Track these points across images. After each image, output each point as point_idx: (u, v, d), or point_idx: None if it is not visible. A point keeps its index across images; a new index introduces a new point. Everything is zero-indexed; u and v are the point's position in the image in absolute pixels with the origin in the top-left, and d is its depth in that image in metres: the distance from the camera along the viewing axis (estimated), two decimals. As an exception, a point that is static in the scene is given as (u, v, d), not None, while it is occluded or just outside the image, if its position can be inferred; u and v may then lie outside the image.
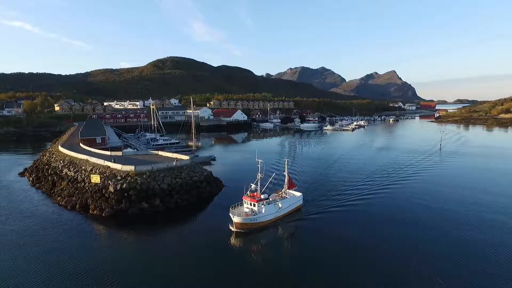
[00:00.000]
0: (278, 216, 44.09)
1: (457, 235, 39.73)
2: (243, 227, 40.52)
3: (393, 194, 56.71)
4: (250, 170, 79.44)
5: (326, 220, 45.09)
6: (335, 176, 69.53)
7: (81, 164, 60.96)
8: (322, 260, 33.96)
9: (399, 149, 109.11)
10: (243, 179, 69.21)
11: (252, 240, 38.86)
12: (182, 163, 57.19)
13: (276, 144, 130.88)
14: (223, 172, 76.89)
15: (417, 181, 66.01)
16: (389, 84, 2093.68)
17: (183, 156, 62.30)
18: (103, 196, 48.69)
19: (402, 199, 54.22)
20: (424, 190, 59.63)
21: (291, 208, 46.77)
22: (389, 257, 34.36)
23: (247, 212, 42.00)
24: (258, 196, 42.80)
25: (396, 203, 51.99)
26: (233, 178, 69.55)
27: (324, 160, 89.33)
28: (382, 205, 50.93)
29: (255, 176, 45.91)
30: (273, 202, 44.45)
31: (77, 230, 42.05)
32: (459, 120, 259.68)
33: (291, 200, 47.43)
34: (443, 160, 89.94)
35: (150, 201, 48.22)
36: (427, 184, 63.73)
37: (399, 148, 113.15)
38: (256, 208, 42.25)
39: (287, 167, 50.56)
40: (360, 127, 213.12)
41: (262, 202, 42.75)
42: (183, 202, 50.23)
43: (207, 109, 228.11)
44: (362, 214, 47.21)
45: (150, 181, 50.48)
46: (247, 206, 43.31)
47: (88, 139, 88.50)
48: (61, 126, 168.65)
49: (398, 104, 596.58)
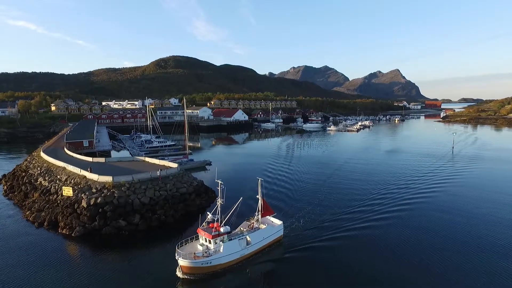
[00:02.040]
0: (246, 254, 33.94)
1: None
2: (193, 272, 30.66)
3: (411, 216, 46.26)
4: (248, 176, 73.07)
5: (317, 259, 33.94)
6: (336, 190, 59.88)
7: (57, 173, 54.72)
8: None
9: (410, 153, 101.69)
10: (239, 188, 62.99)
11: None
12: (168, 172, 50.68)
13: (275, 146, 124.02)
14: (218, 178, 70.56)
15: (437, 196, 56.40)
16: (392, 83, 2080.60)
17: (171, 164, 55.82)
18: (74, 212, 42.32)
19: (424, 223, 43.54)
20: (451, 211, 48.57)
21: (265, 242, 36.30)
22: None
23: (196, 254, 31.21)
24: (218, 229, 32.45)
25: (417, 229, 41.80)
26: (228, 187, 62.77)
27: (325, 167, 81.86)
28: (399, 234, 40.00)
29: (253, 183, 39.20)
30: (238, 237, 33.87)
31: (40, 253, 35.80)
32: (468, 120, 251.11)
33: (267, 232, 36.76)
34: (464, 166, 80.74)
35: (128, 218, 41.83)
36: (453, 203, 52.60)
37: (409, 151, 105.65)
38: (212, 245, 32.04)
39: (261, 188, 38.30)
40: (365, 127, 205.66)
41: (222, 238, 32.44)
42: (167, 219, 43.75)
43: (207, 109, 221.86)
44: (370, 248, 36.39)
45: (130, 195, 44.03)
46: (203, 242, 33.33)
47: (74, 143, 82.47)
48: (55, 127, 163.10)
49: (403, 103, 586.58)
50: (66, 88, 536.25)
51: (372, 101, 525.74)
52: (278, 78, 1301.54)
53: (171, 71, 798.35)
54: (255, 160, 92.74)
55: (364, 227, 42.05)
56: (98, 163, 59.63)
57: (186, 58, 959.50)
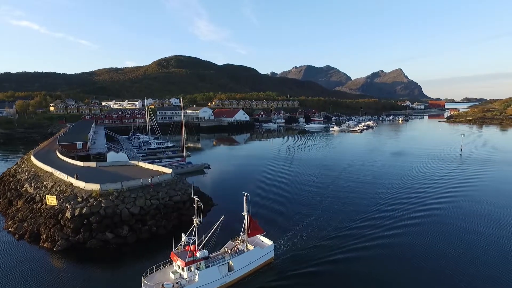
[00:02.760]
0: (228, 283, 29.30)
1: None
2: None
3: (429, 230, 41.12)
4: (248, 181, 69.60)
5: (316, 287, 29.44)
6: (341, 198, 55.53)
7: (44, 179, 51.48)
8: None
9: (417, 155, 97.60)
10: (238, 193, 59.81)
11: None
12: (161, 179, 47.26)
13: (276, 147, 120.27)
14: (216, 183, 67.32)
15: (455, 203, 52.42)
16: (395, 82, 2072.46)
17: (165, 169, 52.40)
18: (58, 223, 39.07)
19: (448, 237, 39.44)
20: (475, 220, 44.81)
21: (252, 266, 31.31)
22: None
23: (165, 285, 25.96)
24: (194, 253, 27.48)
25: (437, 246, 37.41)
26: (226, 192, 59.78)
27: (328, 170, 78.15)
28: (416, 253, 35.14)
29: (253, 189, 35.55)
30: (218, 262, 28.92)
31: (17, 270, 32.53)
32: (473, 120, 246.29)
33: (253, 254, 31.48)
34: (478, 170, 76.24)
35: (116, 230, 38.52)
36: (474, 210, 48.54)
37: (416, 153, 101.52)
38: (186, 274, 26.96)
39: (247, 205, 31.55)
40: (368, 127, 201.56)
41: (198, 264, 27.52)
42: (159, 230, 40.40)
43: (208, 109, 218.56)
44: (381, 272, 31.34)
45: (118, 204, 40.69)
46: (176, 269, 28.35)
47: (67, 145, 79.26)
48: (52, 128, 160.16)
49: (406, 103, 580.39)
50: (68, 88, 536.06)
51: (375, 101, 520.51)
52: (280, 78, 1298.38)
53: (173, 71, 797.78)
54: (255, 162, 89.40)
55: (372, 246, 37.23)
56: (89, 168, 56.36)
57: (188, 58, 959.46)
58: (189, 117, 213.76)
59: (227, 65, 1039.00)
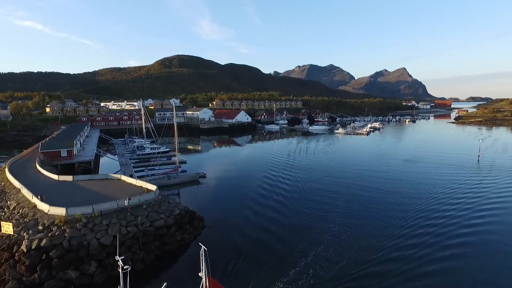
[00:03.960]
0: None
1: None
2: None
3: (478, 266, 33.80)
4: (246, 194, 61.23)
5: None
6: (352, 220, 46.41)
7: (9, 197, 44.66)
8: None
9: (433, 163, 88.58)
10: (235, 210, 52.87)
11: None
12: (142, 199, 40.18)
13: (278, 151, 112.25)
14: (211, 198, 60.16)
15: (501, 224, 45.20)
16: (399, 81, 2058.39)
17: (149, 186, 45.32)
18: (12, 257, 32.18)
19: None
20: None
21: None
22: None
23: None
24: None
25: None
26: (222, 209, 52.65)
27: (336, 181, 70.47)
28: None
29: (250, 204, 28.67)
30: None
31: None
32: (483, 122, 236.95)
33: None
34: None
35: (81, 267, 31.61)
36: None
37: (431, 160, 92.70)
38: None
39: (205, 263, 21.66)
40: (375, 129, 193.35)
41: None
42: (136, 265, 33.43)
43: (208, 110, 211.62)
44: None
45: (86, 233, 33.73)
46: None
47: (50, 153, 72.62)
48: (46, 130, 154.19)
49: (412, 102, 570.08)
50: (70, 87, 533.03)
51: (380, 101, 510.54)
52: (283, 77, 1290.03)
53: (175, 71, 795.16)
54: (255, 169, 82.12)
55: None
56: (65, 182, 49.48)
57: (191, 57, 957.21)
58: (189, 119, 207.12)
59: (230, 64, 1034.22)
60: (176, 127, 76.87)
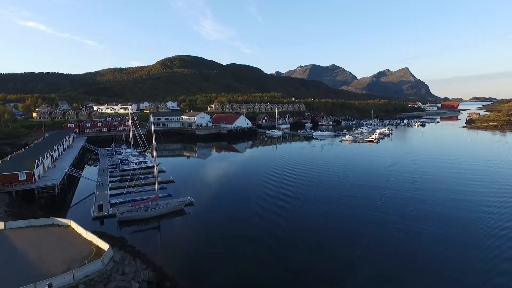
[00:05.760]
0: None
1: None
2: None
3: None
4: (242, 228, 46.36)
5: None
6: (374, 264, 36.58)
7: None
8: None
9: (463, 184, 76.19)
10: (231, 259, 39.16)
11: None
12: (79, 275, 27.09)
13: (280, 162, 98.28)
14: (197, 237, 46.82)
15: None
16: (401, 81, 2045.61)
17: (102, 243, 32.25)
18: None
19: None
20: None
21: None
22: None
23: None
24: None
25: None
26: (208, 258, 39.32)
27: (351, 205, 57.65)
28: None
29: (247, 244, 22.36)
30: None
31: None
32: (500, 126, 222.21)
33: None
34: None
35: None
36: None
37: (460, 176, 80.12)
38: None
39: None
40: (384, 136, 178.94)
41: None
42: None
43: (205, 115, 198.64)
44: None
45: None
46: None
47: (4, 176, 59.82)
48: (29, 138, 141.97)
49: (417, 104, 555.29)
50: (71, 88, 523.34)
51: (385, 102, 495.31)
52: (285, 77, 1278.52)
53: (176, 71, 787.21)
54: (252, 189, 68.43)
55: None
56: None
57: (192, 58, 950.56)
58: (185, 124, 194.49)
59: (232, 64, 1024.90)
60: (155, 141, 63.43)
